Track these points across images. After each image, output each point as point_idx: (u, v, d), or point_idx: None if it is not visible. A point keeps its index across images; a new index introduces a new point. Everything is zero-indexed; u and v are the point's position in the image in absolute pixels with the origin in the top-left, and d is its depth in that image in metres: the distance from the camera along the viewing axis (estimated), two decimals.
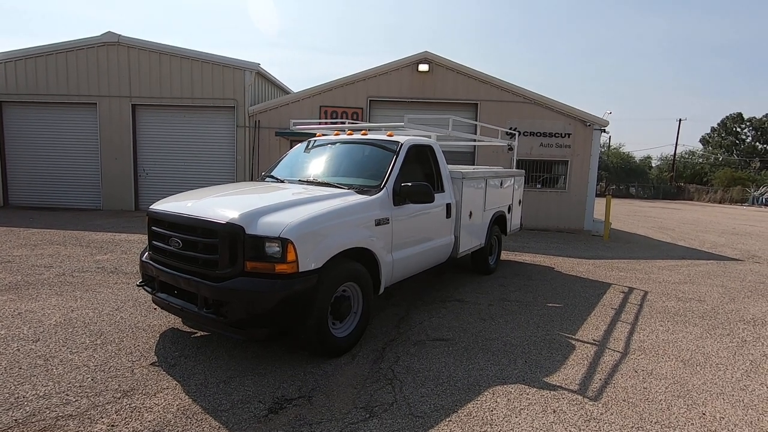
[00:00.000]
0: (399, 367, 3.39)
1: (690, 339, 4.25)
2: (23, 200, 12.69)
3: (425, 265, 4.80)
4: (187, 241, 3.35)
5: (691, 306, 5.35)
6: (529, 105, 11.61)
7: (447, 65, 11.58)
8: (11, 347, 3.47)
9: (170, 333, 3.88)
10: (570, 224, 11.71)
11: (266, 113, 12.05)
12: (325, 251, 3.27)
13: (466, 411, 2.83)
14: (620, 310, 5.04)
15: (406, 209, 4.18)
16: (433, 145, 5.01)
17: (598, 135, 11.69)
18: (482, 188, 5.89)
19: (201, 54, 12.02)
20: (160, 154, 12.53)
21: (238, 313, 3.07)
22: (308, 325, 3.22)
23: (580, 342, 4.04)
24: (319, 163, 4.80)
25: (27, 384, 2.93)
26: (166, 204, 3.77)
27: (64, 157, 12.59)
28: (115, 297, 4.79)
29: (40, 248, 7.09)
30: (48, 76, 12.23)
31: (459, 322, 4.42)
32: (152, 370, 3.20)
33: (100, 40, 12.02)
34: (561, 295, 5.59)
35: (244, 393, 2.94)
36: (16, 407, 2.66)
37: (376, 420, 2.69)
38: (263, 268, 3.08)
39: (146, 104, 12.29)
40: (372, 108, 11.94)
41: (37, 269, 5.80)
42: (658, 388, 3.24)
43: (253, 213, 3.20)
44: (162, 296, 3.52)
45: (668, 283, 6.47)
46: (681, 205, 28.95)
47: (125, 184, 12.46)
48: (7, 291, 4.84)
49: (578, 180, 11.68)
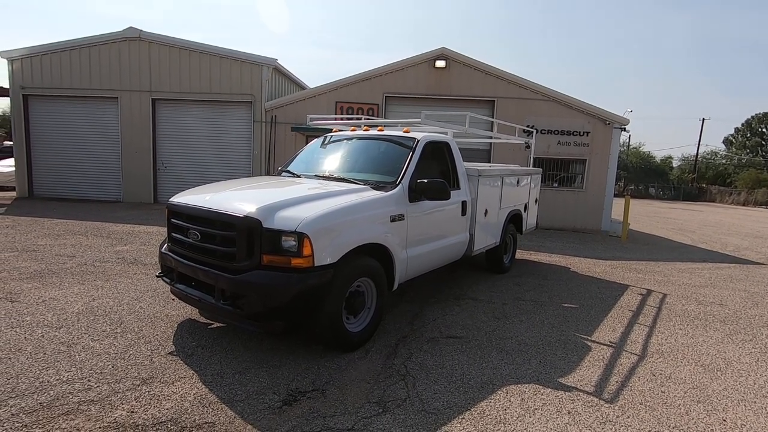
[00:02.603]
0: (412, 364, 3.39)
1: (710, 343, 4.15)
2: (47, 192, 13.05)
3: (439, 263, 4.78)
4: (205, 234, 3.40)
5: (712, 310, 5.22)
6: (548, 102, 11.44)
7: (464, 62, 11.47)
8: (36, 333, 3.58)
9: (188, 323, 3.95)
10: (587, 224, 11.52)
11: (282, 108, 12.13)
12: (341, 246, 3.29)
13: (479, 409, 2.82)
14: (638, 313, 4.95)
15: (421, 206, 4.16)
16: (450, 142, 4.98)
17: (618, 134, 11.45)
18: (498, 186, 5.84)
19: (219, 49, 12.15)
20: (179, 148, 12.73)
21: (254, 305, 3.11)
22: (322, 319, 3.24)
23: (596, 343, 3.98)
24: (335, 158, 4.81)
25: (51, 369, 3.02)
26: (185, 197, 3.83)
27: (87, 150, 12.90)
28: (135, 287, 4.90)
29: (63, 238, 7.29)
30: (72, 70, 12.52)
31: (473, 321, 4.40)
32: (170, 359, 3.27)
33: (121, 35, 12.24)
34: (577, 295, 5.51)
35: (259, 384, 2.98)
36: (41, 391, 2.75)
37: (389, 415, 2.70)
38: (279, 261, 3.11)
39: (165, 99, 12.50)
40: (388, 104, 11.91)
41: (61, 258, 5.97)
42: (676, 392, 3.17)
43: (270, 207, 3.23)
44: (180, 287, 3.59)
45: (688, 286, 6.33)
46: (703, 206, 28.21)
47: (144, 177, 12.70)
48: (32, 279, 5.00)
49: (596, 179, 11.48)
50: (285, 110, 12.11)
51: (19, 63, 12.58)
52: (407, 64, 11.60)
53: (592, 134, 11.39)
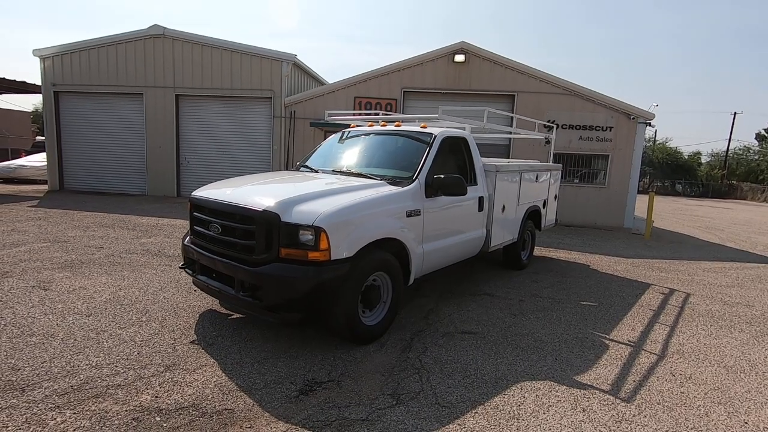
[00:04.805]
0: (427, 358, 3.42)
1: (735, 345, 4.04)
2: (77, 185, 13.55)
3: (456, 258, 4.78)
4: (225, 227, 3.49)
5: (737, 311, 5.07)
6: (569, 96, 11.20)
7: (484, 56, 11.33)
8: (67, 320, 3.76)
9: (209, 314, 4.08)
10: (609, 221, 11.28)
11: (301, 104, 12.24)
12: (357, 241, 3.33)
13: (493, 404, 2.83)
14: (659, 312, 4.85)
15: (438, 201, 4.17)
16: (467, 137, 4.95)
17: (643, 128, 11.14)
18: (516, 182, 5.78)
19: (240, 45, 12.33)
20: (201, 144, 13.02)
21: (272, 297, 3.19)
22: (338, 311, 3.30)
23: (615, 342, 3.93)
24: (352, 153, 4.85)
25: (81, 354, 3.18)
26: (206, 191, 3.94)
27: (114, 145, 13.32)
28: (159, 278, 5.07)
29: (92, 230, 7.58)
30: (99, 67, 12.92)
31: (488, 316, 4.40)
32: (192, 347, 3.39)
33: (146, 32, 12.54)
34: (596, 293, 5.43)
35: (277, 374, 3.06)
36: (72, 375, 2.90)
37: (402, 407, 2.74)
38: (297, 255, 3.18)
39: (188, 95, 12.77)
40: (406, 99, 11.88)
41: (89, 249, 6.21)
42: (696, 393, 3.11)
43: (288, 201, 3.30)
44: (202, 278, 3.70)
45: (714, 285, 6.15)
46: (732, 204, 27.20)
47: (168, 172, 13.04)
48: (63, 269, 5.22)
49: (619, 175, 11.20)
50: (304, 105, 12.22)
51: (50, 61, 13.05)
52: (426, 59, 11.54)
53: (616, 129, 11.12)
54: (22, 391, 2.69)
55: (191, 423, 2.48)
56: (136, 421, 2.47)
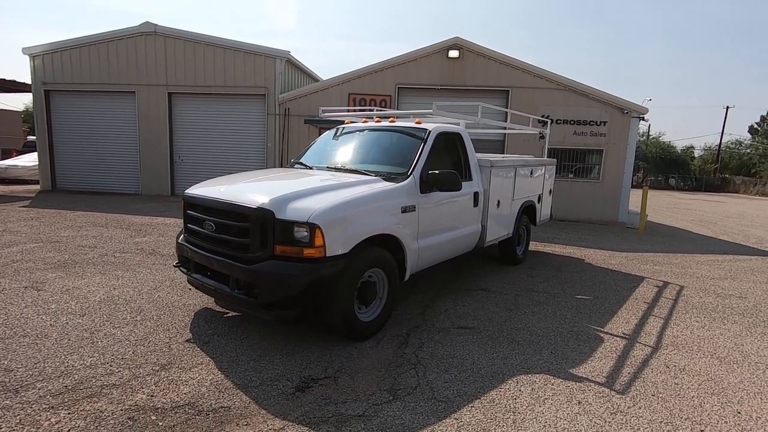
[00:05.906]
0: (423, 353, 3.43)
1: (728, 336, 4.08)
2: (70, 185, 13.42)
3: (451, 254, 4.79)
4: (220, 225, 3.48)
5: (730, 302, 5.12)
6: (563, 92, 11.23)
7: (478, 51, 11.32)
8: (61, 320, 3.73)
9: (204, 312, 4.06)
10: (603, 216, 11.34)
11: (296, 101, 12.18)
12: (352, 237, 3.33)
13: (490, 398, 2.85)
14: (653, 305, 4.89)
15: (432, 197, 4.17)
16: (462, 132, 4.95)
17: (636, 123, 11.19)
18: (511, 177, 5.79)
19: (233, 42, 12.23)
20: (194, 141, 12.93)
21: (267, 294, 3.18)
22: (334, 308, 3.29)
23: (609, 335, 3.96)
24: (347, 150, 4.84)
25: (75, 354, 3.15)
26: (200, 189, 3.91)
27: (106, 143, 13.20)
28: (153, 277, 5.04)
29: (85, 230, 7.52)
30: (91, 65, 12.78)
31: (484, 311, 4.41)
32: (187, 346, 3.37)
33: (138, 29, 12.42)
34: (591, 287, 5.46)
35: (273, 371, 3.06)
36: (66, 375, 2.88)
37: (399, 402, 2.75)
38: (292, 252, 3.17)
39: (181, 92, 12.67)
40: (400, 95, 11.86)
41: (83, 249, 6.16)
42: (690, 384, 3.14)
43: (282, 198, 3.28)
44: (196, 277, 3.68)
45: (707, 278, 6.20)
46: (725, 197, 27.44)
47: (162, 170, 12.95)
48: (56, 269, 5.18)
49: (613, 170, 11.26)
50: (298, 102, 12.16)
51: (40, 59, 12.89)
52: (420, 55, 11.51)
53: (609, 124, 11.16)
54: (15, 392, 2.67)
55: (187, 421, 2.47)
56: (132, 420, 2.46)
